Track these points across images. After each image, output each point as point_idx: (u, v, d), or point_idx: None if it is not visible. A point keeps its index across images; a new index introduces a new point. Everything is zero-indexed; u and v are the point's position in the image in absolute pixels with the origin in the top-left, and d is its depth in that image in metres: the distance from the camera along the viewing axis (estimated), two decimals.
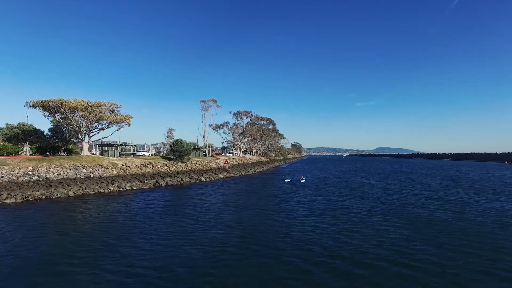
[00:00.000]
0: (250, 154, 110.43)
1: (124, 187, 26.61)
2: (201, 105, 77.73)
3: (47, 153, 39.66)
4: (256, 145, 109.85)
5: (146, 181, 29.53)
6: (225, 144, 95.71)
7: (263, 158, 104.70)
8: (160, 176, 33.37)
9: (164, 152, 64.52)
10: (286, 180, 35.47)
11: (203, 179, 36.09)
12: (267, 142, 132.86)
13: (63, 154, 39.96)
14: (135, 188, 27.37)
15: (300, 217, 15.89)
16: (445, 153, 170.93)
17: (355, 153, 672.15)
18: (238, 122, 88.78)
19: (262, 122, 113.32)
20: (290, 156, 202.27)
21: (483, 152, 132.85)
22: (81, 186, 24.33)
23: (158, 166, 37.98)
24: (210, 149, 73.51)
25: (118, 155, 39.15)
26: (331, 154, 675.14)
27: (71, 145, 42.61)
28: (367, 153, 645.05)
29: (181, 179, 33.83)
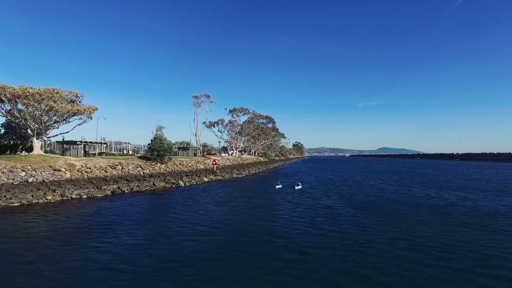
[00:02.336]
0: (248, 154, 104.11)
1: (69, 196, 20.49)
2: (193, 101, 71.50)
3: (8, 152, 33.82)
4: (254, 144, 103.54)
5: (104, 187, 23.41)
6: (225, 144, 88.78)
7: (261, 159, 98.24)
8: (127, 180, 27.20)
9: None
10: (277, 187, 28.41)
11: (182, 183, 29.92)
12: (267, 141, 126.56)
13: (22, 153, 34.11)
14: (85, 196, 21.26)
15: (292, 251, 9.63)
16: (452, 153, 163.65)
17: (357, 153, 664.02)
18: (234, 119, 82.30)
19: (261, 120, 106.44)
20: (291, 156, 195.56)
21: (495, 152, 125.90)
22: (4, 196, 18.21)
23: (130, 167, 31.82)
24: (201, 148, 67.32)
25: (82, 154, 32.97)
26: (332, 154, 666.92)
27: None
28: (369, 153, 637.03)
29: (153, 184, 27.71)
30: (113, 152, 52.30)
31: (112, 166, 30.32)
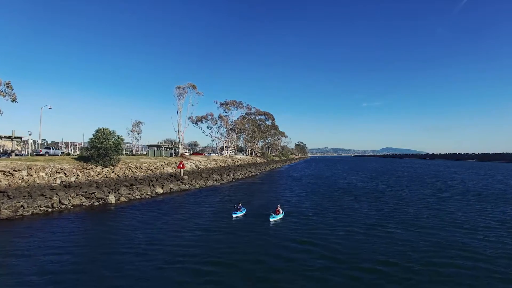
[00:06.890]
0: (244, 154, 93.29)
1: None
2: (176, 92, 60.64)
3: None
4: (250, 143, 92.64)
5: None
6: (221, 144, 76.64)
7: (258, 159, 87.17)
8: (7, 196, 16.54)
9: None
10: (234, 215, 15.94)
11: (112, 199, 19.20)
12: (266, 140, 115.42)
13: None
14: None
15: None
16: (467, 153, 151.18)
17: (360, 154, 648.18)
18: (225, 114, 71.12)
19: (258, 117, 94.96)
20: (293, 156, 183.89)
21: None
22: None
23: (43, 173, 21.21)
24: (181, 147, 56.58)
25: None
26: (335, 154, 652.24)
27: None
28: (372, 154, 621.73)
29: (60, 202, 17.07)
30: (65, 151, 42.07)
31: (9, 172, 19.71)
